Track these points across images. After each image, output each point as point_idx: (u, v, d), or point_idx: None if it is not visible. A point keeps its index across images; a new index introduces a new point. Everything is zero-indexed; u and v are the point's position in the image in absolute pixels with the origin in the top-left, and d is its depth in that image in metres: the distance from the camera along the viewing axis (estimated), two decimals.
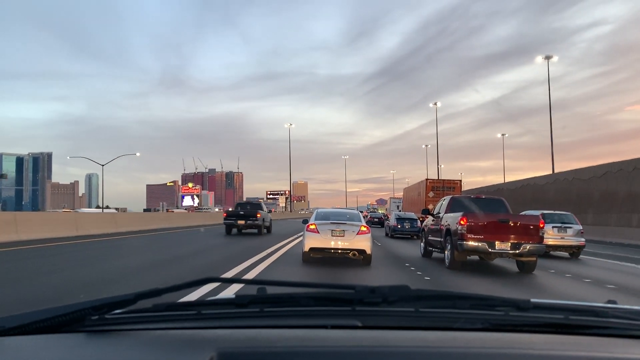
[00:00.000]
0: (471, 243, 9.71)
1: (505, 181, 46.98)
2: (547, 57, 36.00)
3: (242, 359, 0.87)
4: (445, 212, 11.28)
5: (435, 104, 55.30)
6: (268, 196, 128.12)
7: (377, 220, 37.18)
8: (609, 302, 1.23)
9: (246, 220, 19.44)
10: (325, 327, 1.04)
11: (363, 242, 9.81)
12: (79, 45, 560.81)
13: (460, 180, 31.18)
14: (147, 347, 0.97)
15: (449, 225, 10.55)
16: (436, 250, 11.83)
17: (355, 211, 12.06)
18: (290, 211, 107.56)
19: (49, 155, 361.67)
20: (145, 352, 0.94)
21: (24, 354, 0.95)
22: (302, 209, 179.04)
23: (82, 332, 1.03)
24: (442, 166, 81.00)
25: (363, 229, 9.97)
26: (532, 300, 1.09)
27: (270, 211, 26.34)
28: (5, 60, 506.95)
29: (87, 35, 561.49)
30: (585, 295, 7.54)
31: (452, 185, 29.69)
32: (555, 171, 33.15)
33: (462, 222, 9.84)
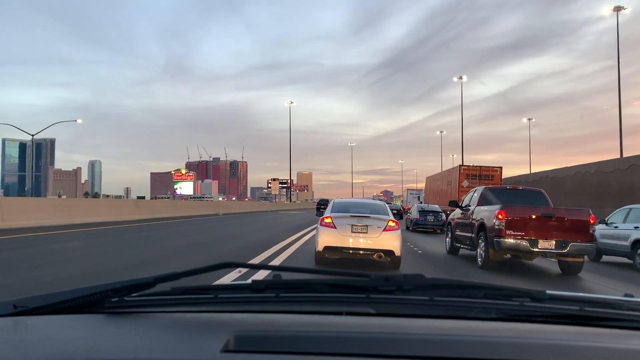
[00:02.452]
0: (510, 240, 8.49)
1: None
2: (617, 9, 28.43)
3: (257, 343, 0.87)
4: (478, 205, 10.04)
5: (461, 77, 45.24)
6: (269, 184, 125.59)
7: (395, 212, 36.50)
8: (626, 295, 1.19)
9: (325, 206, 43.08)
10: (340, 313, 1.03)
11: (391, 241, 7.88)
12: (83, 32, 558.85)
13: (501, 168, 25.44)
14: (165, 329, 0.98)
15: (482, 219, 9.32)
16: (465, 247, 10.61)
17: (381, 202, 10.01)
18: (290, 201, 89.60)
19: (52, 142, 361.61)
20: (163, 334, 0.95)
21: (46, 333, 0.97)
22: (307, 200, 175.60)
23: (102, 314, 1.05)
24: (455, 156, 78.87)
25: (391, 224, 8.01)
26: (548, 291, 1.08)
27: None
28: (9, 46, 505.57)
29: (91, 22, 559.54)
30: None
31: (490, 174, 24.82)
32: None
33: (500, 216, 8.60)
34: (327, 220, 8.09)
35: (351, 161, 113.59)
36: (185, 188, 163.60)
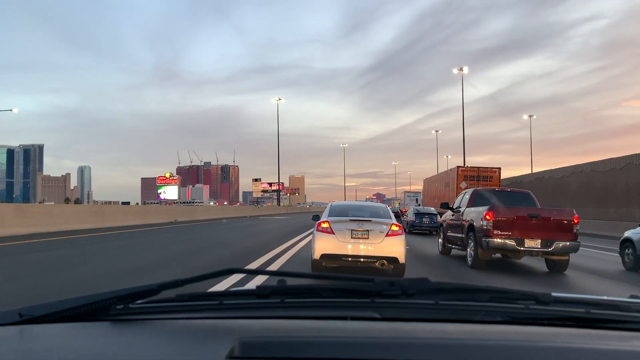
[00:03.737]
0: (498, 240, 8.90)
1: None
2: None
3: (262, 349, 0.87)
4: (467, 206, 10.46)
5: (461, 69, 41.43)
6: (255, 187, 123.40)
7: (394, 214, 37.23)
8: (632, 297, 1.19)
9: None
10: (344, 318, 1.04)
11: (395, 247, 7.32)
12: (71, 37, 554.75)
13: (499, 168, 25.13)
14: (170, 336, 0.98)
15: (472, 220, 9.72)
16: (456, 247, 11.02)
17: (382, 204, 9.41)
18: (279, 205, 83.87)
19: (41, 148, 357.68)
20: (168, 341, 0.95)
21: (52, 341, 0.97)
22: (299, 203, 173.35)
23: (107, 321, 1.05)
24: (449, 157, 79.25)
25: (394, 228, 7.43)
26: (553, 294, 1.07)
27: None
28: None
29: (79, 27, 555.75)
30: None
31: (489, 175, 24.62)
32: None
33: (487, 217, 9.02)
34: (325, 225, 7.51)
35: (343, 163, 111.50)
36: (169, 192, 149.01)
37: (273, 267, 8.84)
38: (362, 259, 7.36)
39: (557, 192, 29.73)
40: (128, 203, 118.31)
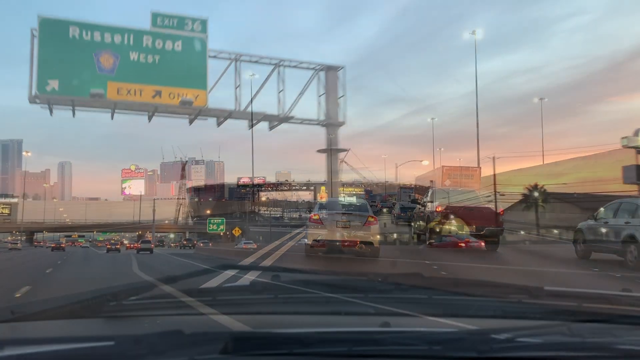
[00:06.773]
0: (445, 227, 12.49)
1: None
2: None
3: (256, 345, 0.89)
4: (428, 201, 14.13)
5: (474, 32, 34.65)
6: (239, 184, 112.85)
7: (387, 208, 41.13)
8: (624, 290, 1.27)
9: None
10: (338, 313, 1.11)
11: (370, 233, 9.55)
12: None
13: (480, 168, 28.47)
14: (163, 332, 0.98)
15: (429, 212, 13.36)
16: (421, 232, 14.59)
17: (363, 200, 12.55)
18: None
19: (19, 143, 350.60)
20: (161, 338, 0.95)
21: (46, 338, 0.99)
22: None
23: (101, 318, 1.11)
24: (442, 149, 79.56)
25: (370, 219, 9.73)
26: (546, 287, 1.17)
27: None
28: None
29: (59, 16, 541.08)
30: None
31: (470, 173, 28.07)
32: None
33: (437, 210, 12.67)
34: (315, 217, 9.77)
35: (329, 156, 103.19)
36: (135, 187, 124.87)
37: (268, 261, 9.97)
38: (345, 243, 9.54)
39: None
40: (97, 199, 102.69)
